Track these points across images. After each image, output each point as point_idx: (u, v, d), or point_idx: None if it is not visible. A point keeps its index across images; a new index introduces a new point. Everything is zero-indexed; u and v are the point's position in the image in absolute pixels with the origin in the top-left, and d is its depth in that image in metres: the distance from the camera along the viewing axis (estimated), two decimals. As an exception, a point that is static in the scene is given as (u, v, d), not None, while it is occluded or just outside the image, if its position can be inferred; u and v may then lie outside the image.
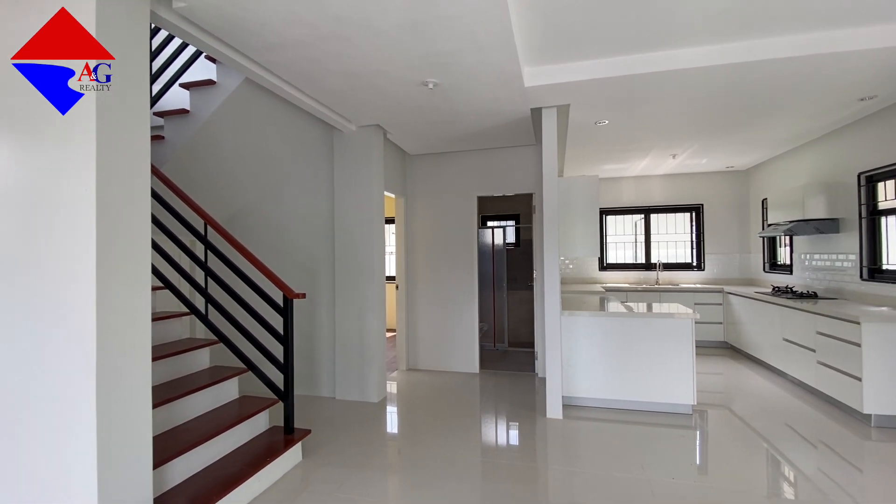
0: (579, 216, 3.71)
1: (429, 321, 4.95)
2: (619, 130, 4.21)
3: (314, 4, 2.06)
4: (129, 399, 1.79)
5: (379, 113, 3.61)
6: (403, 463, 2.80)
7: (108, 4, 1.73)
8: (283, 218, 4.21)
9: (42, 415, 1.73)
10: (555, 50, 2.85)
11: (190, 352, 2.76)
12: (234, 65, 2.58)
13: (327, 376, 4.11)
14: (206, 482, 2.19)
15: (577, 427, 3.32)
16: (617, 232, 6.77)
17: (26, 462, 1.76)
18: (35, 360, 1.74)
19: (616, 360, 3.60)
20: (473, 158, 4.85)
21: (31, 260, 1.75)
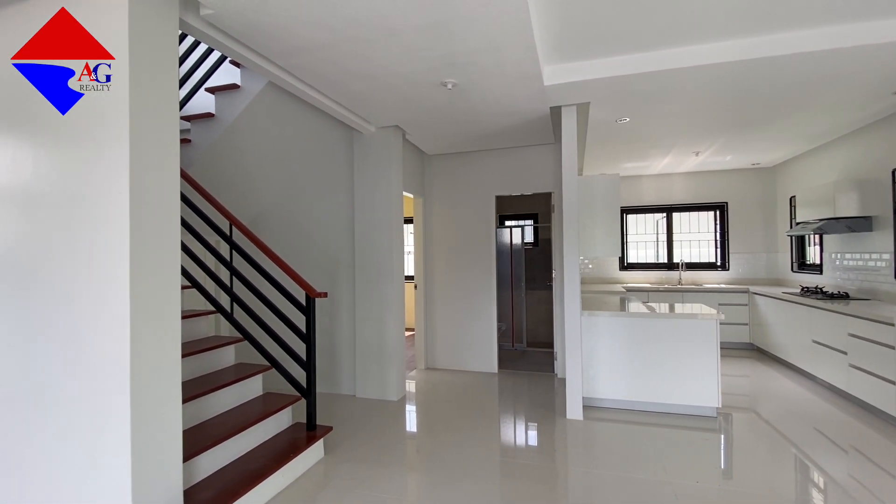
0: (600, 215, 3.67)
1: (447, 321, 4.97)
2: (641, 128, 4.14)
3: (334, 8, 2.10)
4: (160, 394, 1.85)
5: (398, 114, 3.64)
6: (423, 461, 2.83)
7: (139, 13, 1.79)
8: (304, 218, 4.29)
9: (78, 408, 1.81)
10: (575, 47, 2.83)
11: (216, 349, 2.84)
12: (258, 69, 2.64)
13: (347, 374, 4.17)
14: (232, 476, 2.25)
15: (597, 428, 3.29)
16: (638, 231, 6.66)
17: (62, 454, 1.84)
18: (72, 356, 1.82)
19: (638, 362, 3.55)
20: (492, 158, 4.85)
21: (69, 259, 1.84)
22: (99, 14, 1.78)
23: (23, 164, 1.93)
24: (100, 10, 1.78)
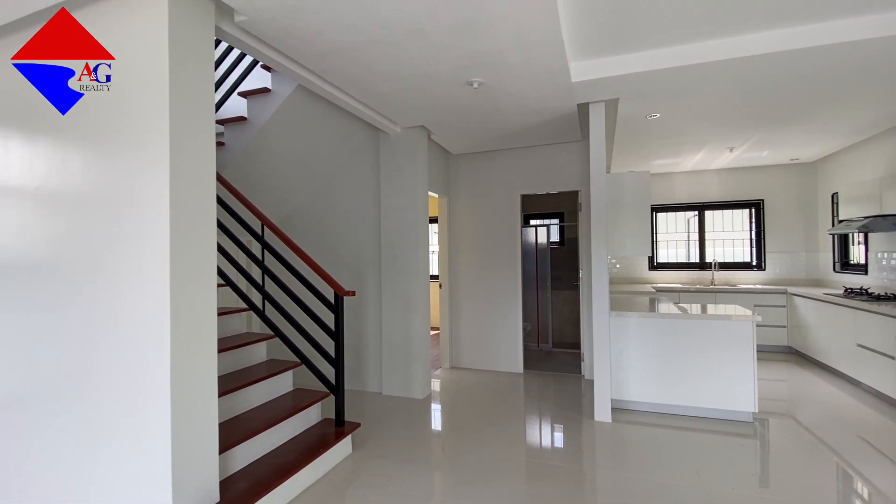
0: (629, 213, 3.59)
1: (472, 320, 4.97)
2: (672, 123, 4.04)
3: (363, 11, 2.13)
4: (198, 388, 1.93)
5: (423, 114, 3.66)
6: (449, 460, 2.84)
7: (178, 21, 1.86)
8: (332, 218, 4.37)
9: (121, 401, 1.90)
10: (604, 43, 2.78)
11: (249, 345, 2.92)
12: (288, 72, 2.70)
13: (374, 372, 4.23)
14: (265, 469, 2.32)
15: (626, 431, 3.22)
16: (668, 230, 6.49)
17: (107, 444, 1.94)
18: (115, 351, 1.91)
19: (669, 364, 3.46)
20: (517, 156, 4.81)
21: (114, 260, 1.93)
22: (141, 23, 1.86)
23: (72, 168, 2.03)
24: (141, 19, 1.86)
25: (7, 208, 2.24)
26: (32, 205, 2.15)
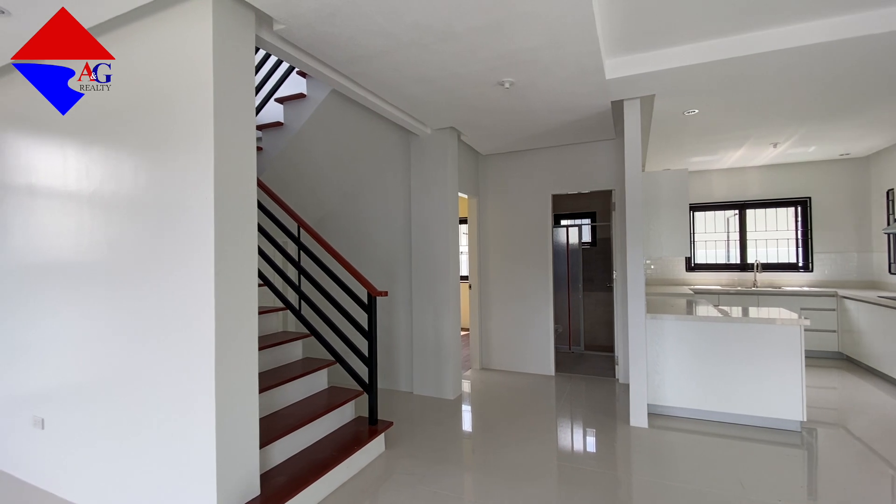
0: (666, 213, 3.49)
1: (502, 321, 4.94)
2: (711, 119, 3.89)
3: (397, 15, 2.15)
4: (240, 384, 2.00)
5: (454, 115, 3.67)
6: (481, 461, 2.83)
7: (222, 32, 1.94)
8: (364, 220, 4.44)
9: (169, 395, 1.99)
10: (639, 38, 2.71)
11: (286, 344, 3.01)
12: (323, 78, 2.77)
13: (405, 371, 4.27)
14: (302, 464, 2.38)
15: (664, 437, 3.13)
16: (707, 230, 6.25)
17: (155, 436, 2.04)
18: (164, 347, 2.01)
19: (709, 369, 3.34)
20: (548, 156, 4.75)
21: (162, 260, 2.03)
22: (187, 35, 1.95)
23: (124, 174, 2.15)
24: (187, 31, 1.95)
25: (65, 212, 2.39)
26: (88, 209, 2.29)
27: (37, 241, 2.53)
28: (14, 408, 2.65)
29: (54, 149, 2.43)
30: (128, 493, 2.16)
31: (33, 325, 2.56)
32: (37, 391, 2.54)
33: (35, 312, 2.55)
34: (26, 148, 2.58)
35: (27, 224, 2.58)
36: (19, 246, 2.62)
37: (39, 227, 2.52)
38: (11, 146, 2.66)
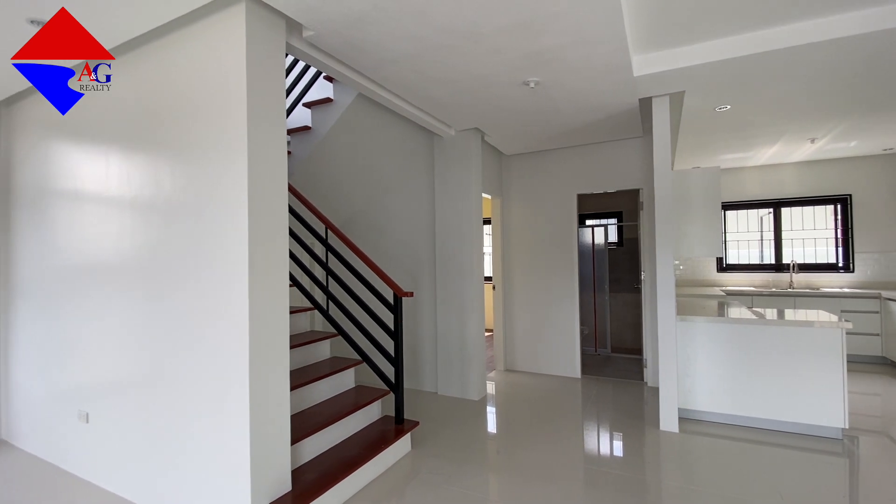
0: (697, 212, 3.40)
1: (526, 322, 4.90)
2: (744, 115, 3.77)
3: (424, 18, 2.17)
4: (273, 381, 2.05)
5: (478, 116, 3.67)
6: (506, 463, 2.82)
7: (255, 41, 2.00)
8: (388, 221, 4.49)
9: (206, 391, 2.06)
10: (668, 34, 2.66)
11: (314, 343, 3.07)
12: (350, 82, 2.81)
13: (430, 372, 4.29)
14: (331, 462, 2.42)
15: (696, 442, 3.05)
16: (739, 229, 6.06)
17: (192, 430, 2.11)
18: (200, 345, 2.08)
19: (743, 373, 3.23)
20: (573, 155, 4.70)
21: (198, 261, 2.10)
22: (221, 43, 2.02)
23: (163, 179, 2.24)
24: (221, 40, 2.02)
25: (108, 216, 2.51)
26: (129, 213, 2.39)
27: (82, 244, 2.66)
28: (61, 402, 2.79)
29: (98, 155, 2.55)
30: (166, 485, 2.24)
31: (79, 324, 2.69)
32: (82, 386, 2.67)
33: (80, 311, 2.68)
34: (71, 155, 2.72)
35: (73, 228, 2.72)
36: (66, 248, 2.76)
37: (84, 230, 2.65)
38: (58, 154, 2.81)
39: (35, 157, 2.97)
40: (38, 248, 2.95)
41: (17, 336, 3.12)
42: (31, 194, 3.01)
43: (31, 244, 3.00)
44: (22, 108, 3.08)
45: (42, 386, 2.93)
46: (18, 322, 3.11)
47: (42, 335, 2.93)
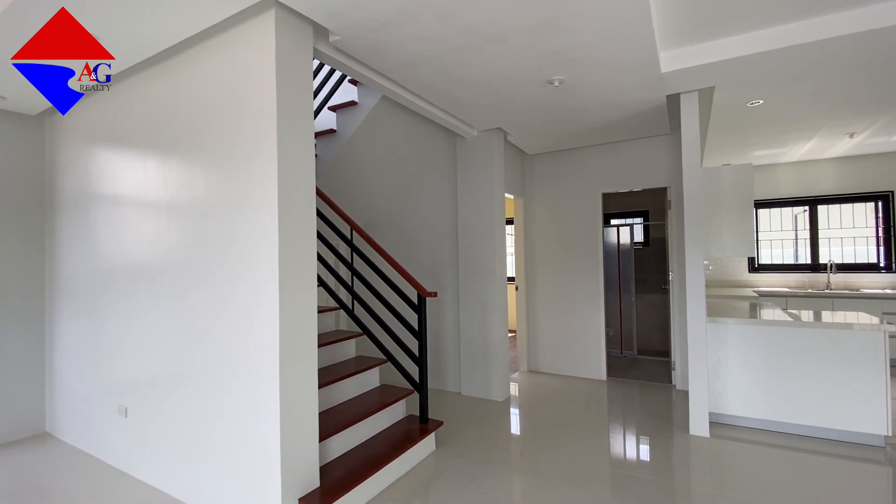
0: (728, 210, 3.30)
1: (550, 323, 4.86)
2: (777, 110, 3.64)
3: (448, 20, 2.18)
4: (301, 378, 2.10)
5: (500, 116, 3.66)
6: (530, 464, 2.80)
7: (284, 47, 2.05)
8: (411, 222, 4.52)
9: (237, 387, 2.12)
10: (698, 28, 2.59)
11: (340, 342, 3.12)
12: (374, 85, 2.85)
13: (453, 372, 4.30)
14: (357, 459, 2.46)
15: (727, 448, 2.96)
16: (772, 228, 5.85)
17: (223, 425, 2.17)
18: (233, 342, 2.14)
19: (778, 376, 3.12)
20: (598, 153, 4.63)
21: (231, 262, 2.17)
22: (252, 51, 2.08)
23: (197, 183, 2.32)
24: (252, 48, 2.08)
25: (146, 219, 2.61)
26: (166, 216, 2.48)
27: (120, 246, 2.78)
28: (102, 397, 2.92)
29: (136, 161, 2.66)
30: (200, 479, 2.32)
31: (117, 322, 2.81)
32: (121, 382, 2.79)
33: (118, 310, 2.80)
34: (111, 161, 2.85)
35: (112, 230, 2.84)
36: (105, 250, 2.89)
37: (122, 232, 2.77)
38: (99, 159, 2.94)
39: (78, 163, 3.12)
40: (80, 249, 3.10)
41: (60, 333, 3.28)
42: (73, 198, 3.16)
43: (74, 246, 3.15)
44: (66, 116, 3.23)
45: (83, 381, 3.07)
46: (62, 320, 3.27)
47: (83, 332, 3.08)
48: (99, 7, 1.95)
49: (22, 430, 3.31)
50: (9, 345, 3.26)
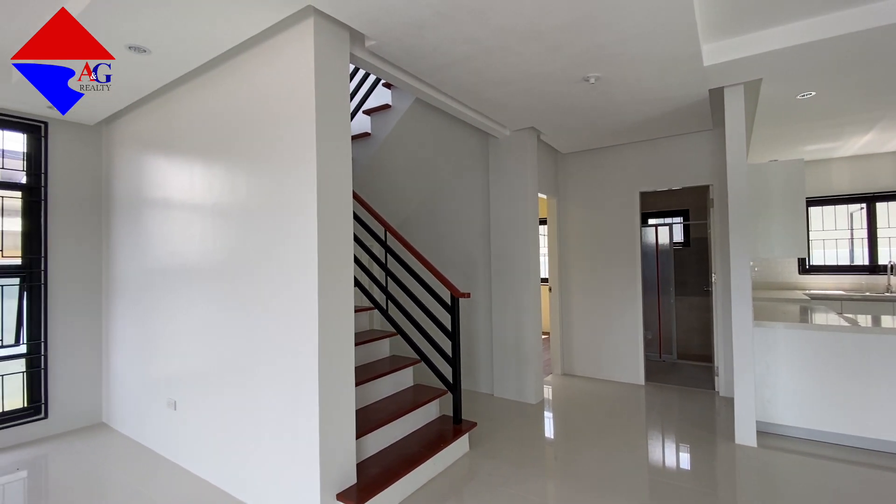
0: (777, 208, 3.14)
1: (585, 326, 4.76)
2: (831, 102, 3.43)
3: (480, 20, 2.18)
4: (339, 376, 2.14)
5: (534, 115, 3.62)
6: (565, 469, 2.75)
7: (322, 54, 2.10)
8: (443, 223, 4.53)
9: (279, 384, 2.19)
10: (743, 18, 2.48)
11: (375, 341, 3.16)
12: (407, 87, 2.88)
13: (485, 373, 4.28)
14: (392, 458, 2.49)
15: (777, 459, 2.81)
16: (825, 227, 5.51)
17: (266, 421, 2.25)
18: (273, 342, 2.21)
19: (833, 384, 2.94)
20: (634, 151, 4.50)
21: (271, 263, 2.24)
22: (291, 58, 2.14)
23: (239, 187, 2.41)
24: (292, 55, 2.14)
25: (192, 222, 2.74)
26: (211, 219, 2.60)
27: (170, 246, 2.93)
28: (154, 390, 3.08)
29: (184, 166, 2.79)
30: (243, 471, 2.41)
31: (168, 319, 2.96)
32: (170, 377, 2.94)
33: (167, 308, 2.95)
34: (161, 166, 3.00)
35: (161, 232, 3.00)
36: (156, 250, 3.05)
37: (171, 235, 2.92)
38: (150, 165, 3.11)
39: (130, 169, 3.31)
40: (132, 250, 3.28)
41: (115, 329, 3.49)
42: (126, 202, 3.36)
43: (126, 247, 3.35)
44: (119, 126, 3.44)
45: (136, 375, 3.25)
46: (116, 316, 3.47)
47: (134, 328, 3.26)
48: (155, 21, 2.07)
49: (81, 420, 3.54)
50: (72, 340, 3.50)
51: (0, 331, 3.25)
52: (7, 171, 3.31)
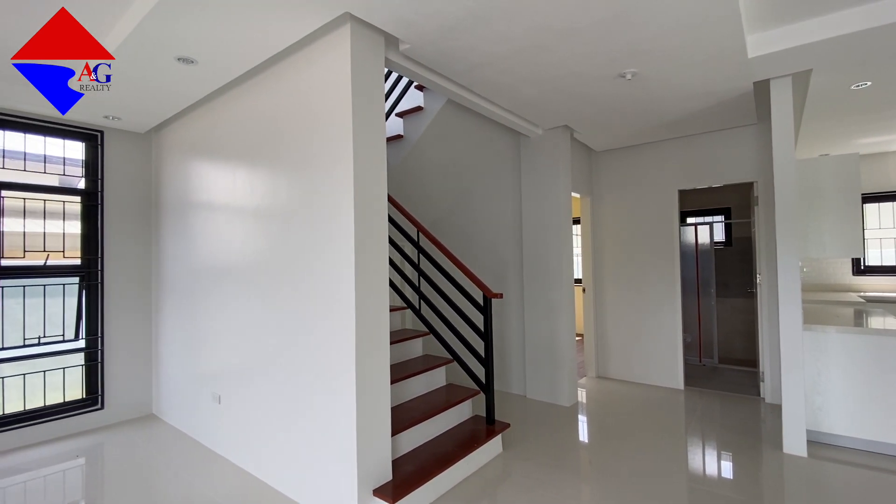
0: (830, 205, 2.97)
1: (620, 327, 4.65)
2: (888, 92, 3.22)
3: (515, 19, 2.17)
4: (375, 374, 2.19)
5: (568, 113, 3.57)
6: (600, 474, 2.69)
7: (359, 60, 2.15)
8: (475, 223, 4.53)
9: (317, 381, 2.25)
10: (792, 6, 2.36)
11: (408, 340, 3.20)
12: (440, 89, 2.90)
13: (517, 374, 4.25)
14: (426, 456, 2.51)
15: (829, 470, 2.66)
16: (882, 225, 5.17)
17: (304, 416, 2.31)
18: (312, 340, 2.28)
19: (891, 392, 2.76)
20: (673, 148, 4.36)
21: (309, 263, 2.31)
22: (328, 65, 2.20)
23: (279, 190, 2.50)
24: (329, 61, 2.20)
25: (235, 223, 2.85)
26: (253, 220, 2.70)
27: (214, 247, 3.07)
28: (200, 385, 3.23)
29: (227, 171, 2.92)
30: (283, 465, 2.49)
31: (212, 317, 3.09)
32: (215, 372, 3.07)
33: (212, 306, 3.08)
34: (206, 171, 3.15)
35: (206, 234, 3.14)
36: (201, 251, 3.20)
37: (215, 236, 3.05)
38: (196, 170, 3.26)
39: (178, 174, 3.49)
40: (180, 251, 3.45)
41: (164, 325, 3.68)
42: (174, 205, 3.54)
43: (175, 248, 3.52)
44: (167, 133, 3.63)
45: (183, 369, 3.42)
46: (165, 313, 3.66)
47: (181, 325, 3.43)
48: (201, 33, 2.18)
49: (133, 412, 3.76)
50: (125, 335, 3.72)
51: (62, 326, 3.49)
52: (68, 177, 3.56)
